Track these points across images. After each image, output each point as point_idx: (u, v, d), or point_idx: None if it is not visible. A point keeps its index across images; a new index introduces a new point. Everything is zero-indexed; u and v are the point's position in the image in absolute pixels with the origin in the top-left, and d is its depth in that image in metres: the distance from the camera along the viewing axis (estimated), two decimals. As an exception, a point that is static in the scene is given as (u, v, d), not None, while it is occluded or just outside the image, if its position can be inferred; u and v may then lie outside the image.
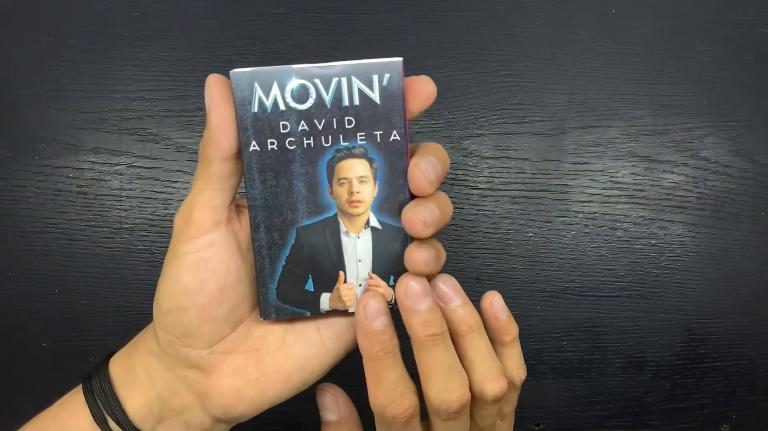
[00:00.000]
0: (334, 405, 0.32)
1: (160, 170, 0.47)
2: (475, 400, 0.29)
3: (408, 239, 0.28)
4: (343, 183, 0.27)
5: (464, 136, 0.48)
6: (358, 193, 0.27)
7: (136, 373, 0.29)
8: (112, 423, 0.28)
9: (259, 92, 0.26)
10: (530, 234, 0.48)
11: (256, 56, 0.47)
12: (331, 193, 0.28)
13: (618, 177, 0.48)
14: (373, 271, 0.29)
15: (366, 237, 0.28)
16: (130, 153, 0.47)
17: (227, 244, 0.27)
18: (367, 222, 0.28)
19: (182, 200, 0.47)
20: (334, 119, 0.27)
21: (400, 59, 0.27)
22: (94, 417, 0.28)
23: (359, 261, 0.29)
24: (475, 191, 0.48)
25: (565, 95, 0.48)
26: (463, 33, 0.48)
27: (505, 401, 0.31)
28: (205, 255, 0.27)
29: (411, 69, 0.47)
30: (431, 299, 0.28)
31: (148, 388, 0.29)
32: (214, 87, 0.27)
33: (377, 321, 0.27)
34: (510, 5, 0.48)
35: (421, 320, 0.27)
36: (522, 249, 0.48)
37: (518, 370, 0.31)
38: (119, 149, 0.47)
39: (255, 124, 0.26)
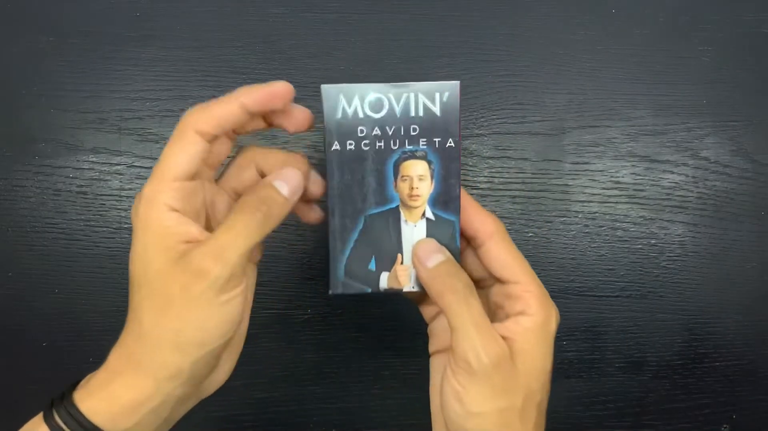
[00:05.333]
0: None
1: (160, 170, 0.47)
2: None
3: (456, 230, 0.33)
4: (406, 180, 0.32)
5: (464, 136, 0.48)
6: (417, 188, 0.32)
7: (120, 407, 0.29)
8: None
9: (343, 102, 0.32)
10: (530, 234, 0.48)
11: (257, 56, 0.47)
12: (396, 187, 0.33)
13: (618, 177, 0.48)
14: None
15: (421, 226, 0.33)
16: (130, 153, 0.47)
17: (252, 275, 0.32)
18: (423, 214, 0.33)
19: (182, 200, 0.47)
20: (402, 127, 0.32)
21: (458, 82, 0.32)
22: None
23: None
24: (475, 191, 0.48)
25: (565, 95, 0.48)
26: (463, 33, 0.48)
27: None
28: (245, 292, 0.30)
29: (411, 69, 0.48)
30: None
31: (138, 414, 0.29)
32: (303, 171, 0.32)
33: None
34: (510, 5, 0.48)
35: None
36: (522, 249, 0.47)
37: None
38: (119, 149, 0.47)
39: (338, 128, 0.32)
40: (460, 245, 0.34)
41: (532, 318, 0.31)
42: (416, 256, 0.32)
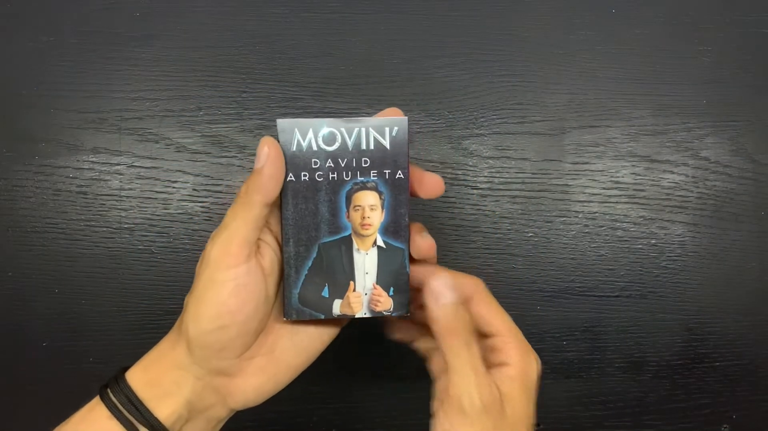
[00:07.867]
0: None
1: (160, 170, 0.47)
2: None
3: (405, 256, 0.34)
4: (358, 209, 0.34)
5: (464, 136, 0.48)
6: (368, 217, 0.34)
7: (162, 385, 0.33)
8: (143, 430, 0.32)
9: (298, 136, 0.33)
10: (530, 234, 0.48)
11: (257, 56, 0.47)
12: (348, 217, 0.34)
13: (618, 177, 0.48)
14: (377, 283, 0.35)
15: (373, 254, 0.34)
16: (130, 153, 0.47)
17: (257, 271, 0.32)
18: (375, 242, 0.34)
19: (182, 200, 0.47)
20: (354, 159, 0.33)
21: (406, 118, 0.33)
22: (125, 427, 0.32)
23: (366, 273, 0.34)
24: (475, 191, 0.48)
25: (565, 95, 0.48)
26: (463, 33, 0.48)
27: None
28: (243, 282, 0.32)
29: (411, 69, 0.48)
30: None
31: (178, 396, 0.32)
32: (270, 147, 0.32)
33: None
34: (510, 5, 0.48)
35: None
36: (522, 249, 0.48)
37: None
38: (119, 149, 0.47)
39: (292, 160, 0.33)
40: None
41: (514, 368, 0.33)
42: (430, 289, 0.32)
